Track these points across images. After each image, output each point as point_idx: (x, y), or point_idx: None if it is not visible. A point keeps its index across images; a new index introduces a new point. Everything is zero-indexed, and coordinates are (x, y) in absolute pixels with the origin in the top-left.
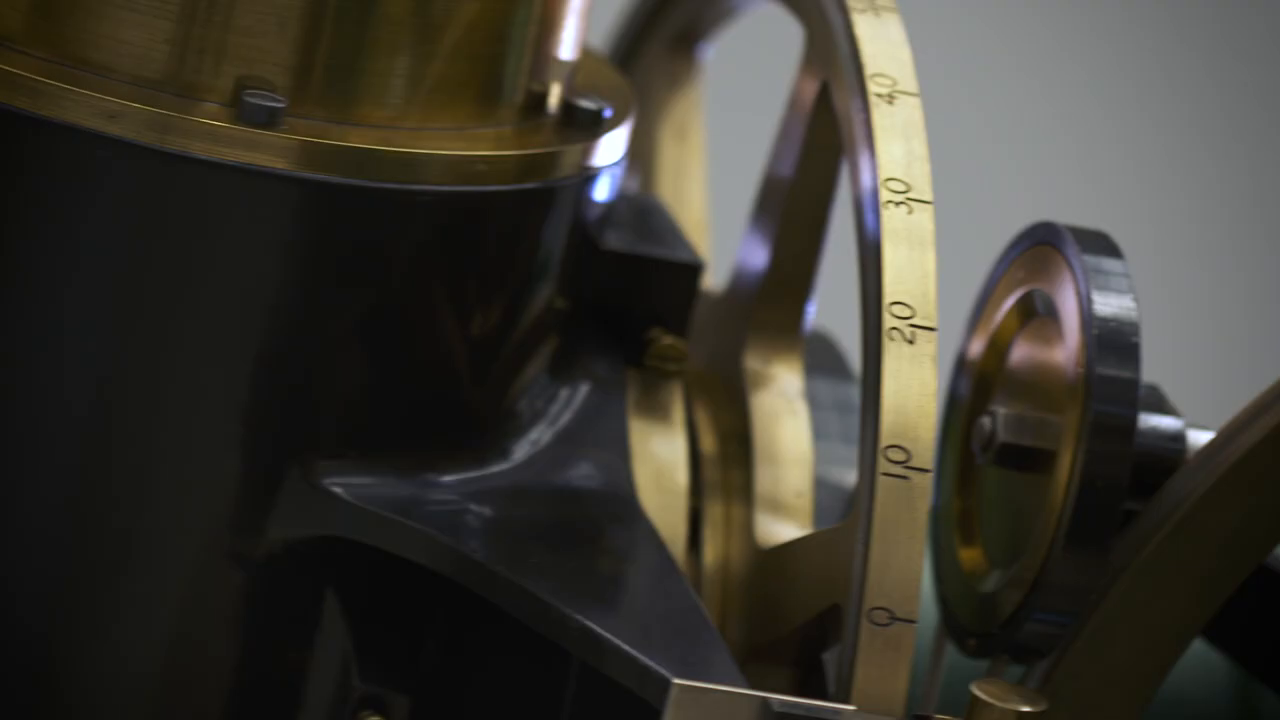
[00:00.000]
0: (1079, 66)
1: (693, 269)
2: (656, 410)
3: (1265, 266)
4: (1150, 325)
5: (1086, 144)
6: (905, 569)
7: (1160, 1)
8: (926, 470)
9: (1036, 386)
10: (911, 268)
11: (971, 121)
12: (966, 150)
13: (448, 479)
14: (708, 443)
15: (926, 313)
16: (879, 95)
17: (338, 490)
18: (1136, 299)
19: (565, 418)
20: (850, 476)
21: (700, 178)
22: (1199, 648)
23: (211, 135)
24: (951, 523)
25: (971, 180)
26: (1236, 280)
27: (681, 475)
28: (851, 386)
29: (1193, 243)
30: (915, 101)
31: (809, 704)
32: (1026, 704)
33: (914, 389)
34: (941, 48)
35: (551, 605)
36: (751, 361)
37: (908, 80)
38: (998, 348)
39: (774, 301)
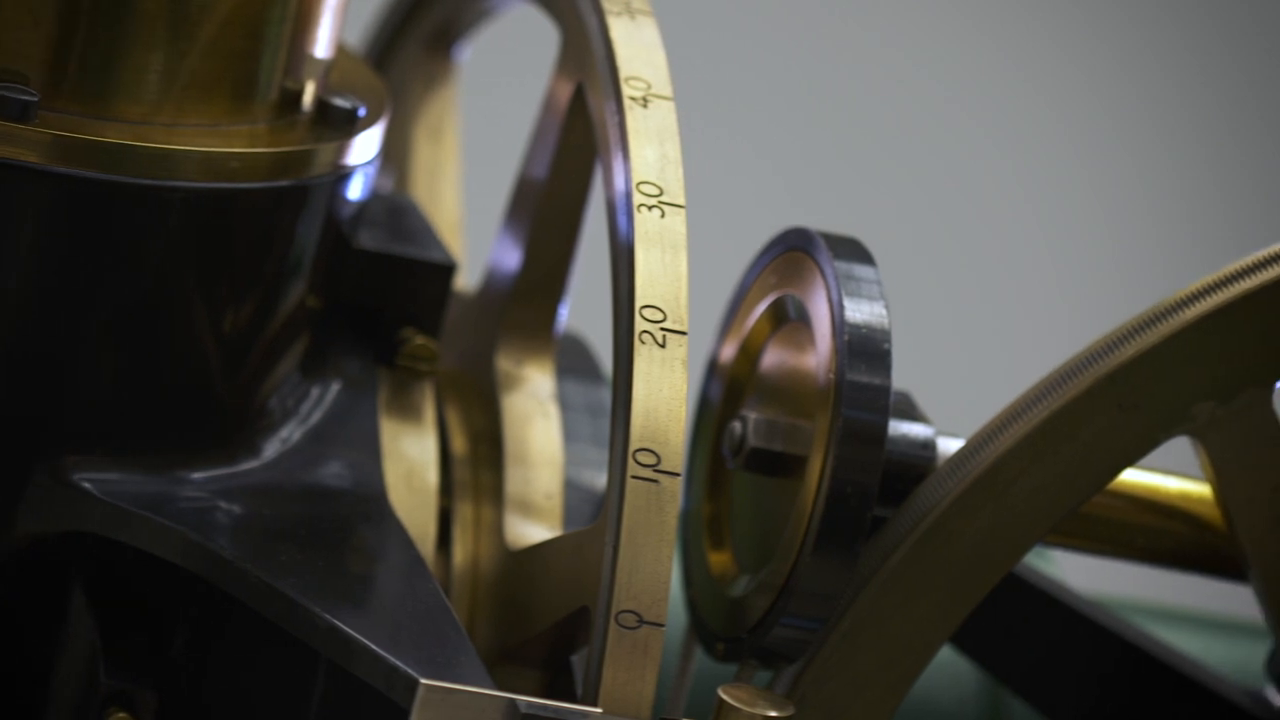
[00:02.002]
0: (837, 70)
1: (445, 269)
2: (408, 410)
3: (1015, 274)
4: (902, 332)
5: (843, 148)
6: (653, 573)
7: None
8: (676, 474)
9: (788, 392)
10: (664, 271)
11: (726, 125)
12: (722, 154)
13: (198, 476)
14: (458, 443)
15: (678, 316)
16: (633, 98)
17: (87, 486)
18: (888, 306)
19: (316, 416)
20: (601, 479)
21: (455, 178)
22: (948, 654)
23: None
24: (701, 527)
25: (727, 184)
26: (987, 288)
27: (432, 475)
28: (603, 389)
29: (941, 251)
30: (669, 105)
31: (555, 706)
32: (773, 709)
33: (664, 393)
34: (694, 51)
35: (299, 604)
36: (503, 363)
37: (662, 84)
38: (749, 352)
39: (526, 303)
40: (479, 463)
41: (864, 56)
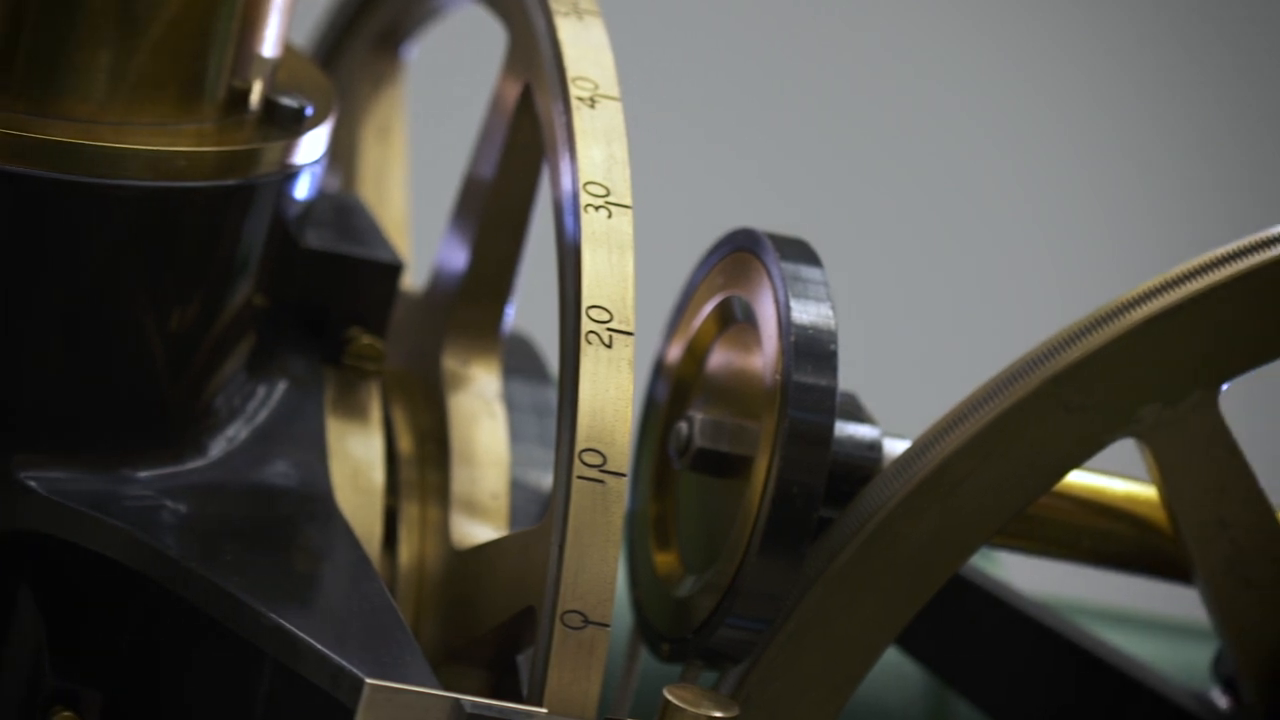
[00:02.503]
0: (784, 70)
1: (392, 269)
2: (354, 410)
3: (962, 276)
4: (848, 333)
5: (790, 148)
6: (599, 573)
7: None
8: (622, 474)
9: (734, 392)
10: (610, 272)
11: (674, 125)
12: (669, 154)
13: (144, 474)
14: (405, 443)
15: (624, 317)
16: (580, 99)
17: (33, 484)
18: (834, 307)
19: (262, 415)
20: (547, 479)
21: (401, 177)
22: (893, 655)
23: None
24: (647, 527)
25: (675, 184)
26: (933, 288)
27: (378, 475)
28: (550, 389)
29: (887, 251)
30: (617, 105)
31: (501, 706)
32: (719, 709)
33: (611, 393)
34: (641, 52)
35: (245, 603)
36: (450, 362)
37: (609, 84)
38: (696, 353)
39: (473, 302)
40: (425, 462)
41: (810, 56)
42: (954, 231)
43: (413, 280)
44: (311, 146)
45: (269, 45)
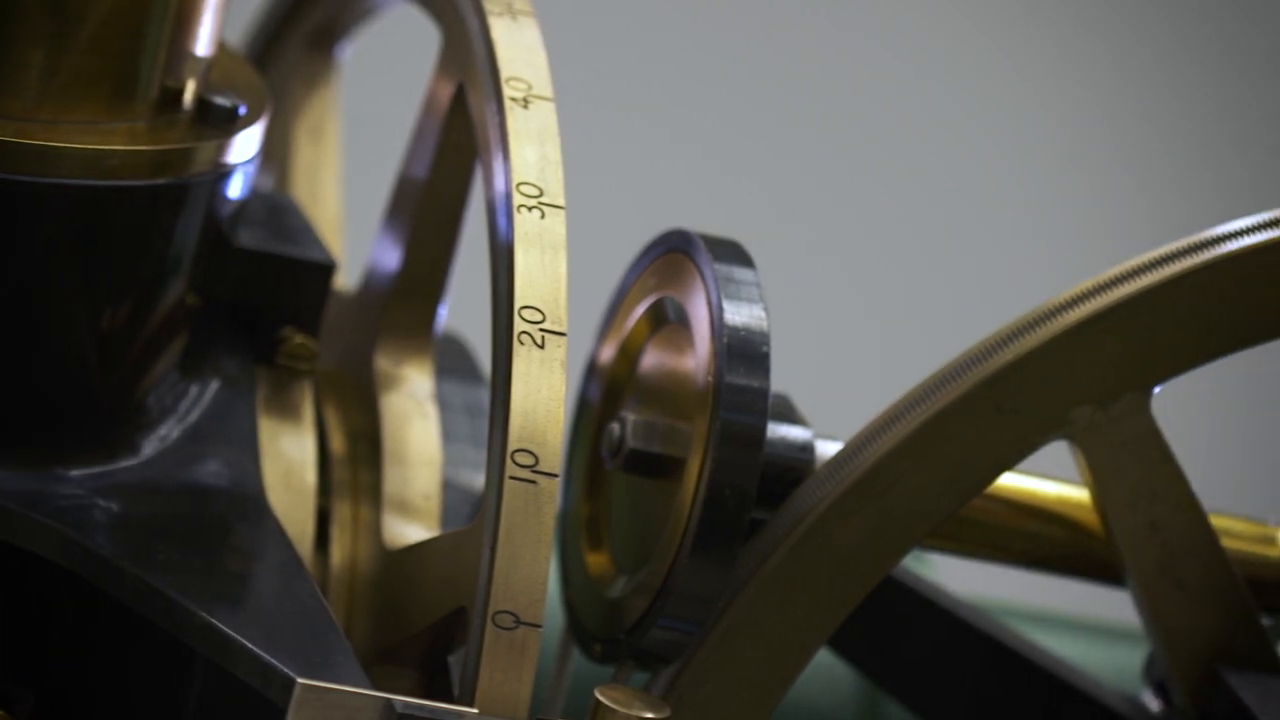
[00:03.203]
0: (716, 70)
1: (325, 269)
2: (286, 409)
3: (895, 275)
4: (781, 335)
5: (725, 148)
6: (531, 573)
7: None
8: (554, 475)
9: (667, 393)
10: (543, 272)
11: (607, 125)
12: (603, 154)
13: (75, 473)
14: (337, 442)
15: (557, 317)
16: (514, 99)
17: None
18: (767, 309)
19: (194, 415)
20: (479, 479)
21: (335, 177)
22: (825, 657)
23: None
24: (579, 527)
25: (608, 185)
26: (867, 289)
27: (310, 474)
28: (482, 389)
29: (820, 251)
30: (550, 106)
31: (432, 706)
32: (650, 710)
33: (543, 394)
34: (575, 52)
35: (176, 602)
36: (382, 362)
37: (543, 84)
38: (629, 354)
39: (406, 302)
40: (357, 462)
41: (742, 54)
42: (885, 229)
43: (346, 280)
44: (244, 146)
45: (202, 44)
